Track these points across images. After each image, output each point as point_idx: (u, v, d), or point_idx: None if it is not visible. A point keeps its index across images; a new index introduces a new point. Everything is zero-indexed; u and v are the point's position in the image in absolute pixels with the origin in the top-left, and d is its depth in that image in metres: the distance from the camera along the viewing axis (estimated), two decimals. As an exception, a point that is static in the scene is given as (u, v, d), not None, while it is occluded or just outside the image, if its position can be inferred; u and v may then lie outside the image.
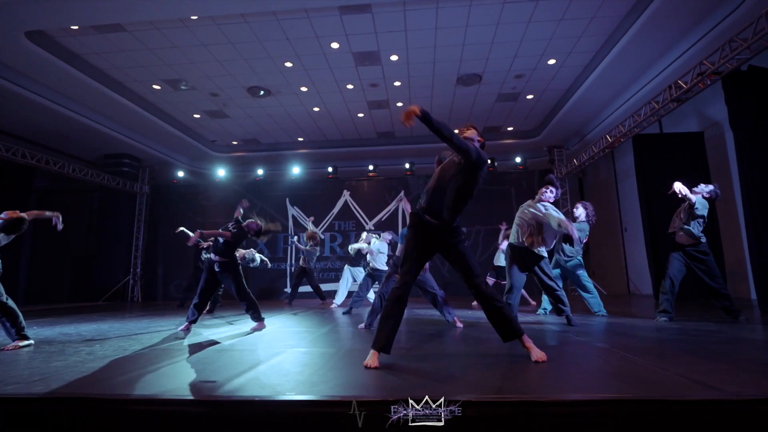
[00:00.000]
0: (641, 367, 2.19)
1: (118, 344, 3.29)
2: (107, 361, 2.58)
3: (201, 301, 4.02)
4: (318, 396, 1.74)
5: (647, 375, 2.02)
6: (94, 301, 10.43)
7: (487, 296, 2.43)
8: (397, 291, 2.40)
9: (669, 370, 2.09)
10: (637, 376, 2.02)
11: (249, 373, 2.20)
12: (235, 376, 2.12)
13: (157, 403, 1.73)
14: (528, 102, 9.68)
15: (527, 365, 2.28)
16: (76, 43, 7.11)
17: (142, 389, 1.90)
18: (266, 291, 10.82)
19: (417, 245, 2.49)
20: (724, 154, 7.14)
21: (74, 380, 2.09)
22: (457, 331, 3.83)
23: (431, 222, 2.48)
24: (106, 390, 1.91)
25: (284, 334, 3.86)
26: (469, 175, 2.42)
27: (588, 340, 3.13)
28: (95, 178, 10.18)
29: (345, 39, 7.15)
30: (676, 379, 1.92)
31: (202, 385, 1.99)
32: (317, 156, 12.06)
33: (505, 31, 6.96)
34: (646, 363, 2.28)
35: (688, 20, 6.14)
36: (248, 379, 2.07)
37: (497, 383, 1.94)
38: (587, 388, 1.90)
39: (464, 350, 2.94)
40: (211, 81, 8.51)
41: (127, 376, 2.18)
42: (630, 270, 10.36)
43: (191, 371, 2.29)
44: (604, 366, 2.34)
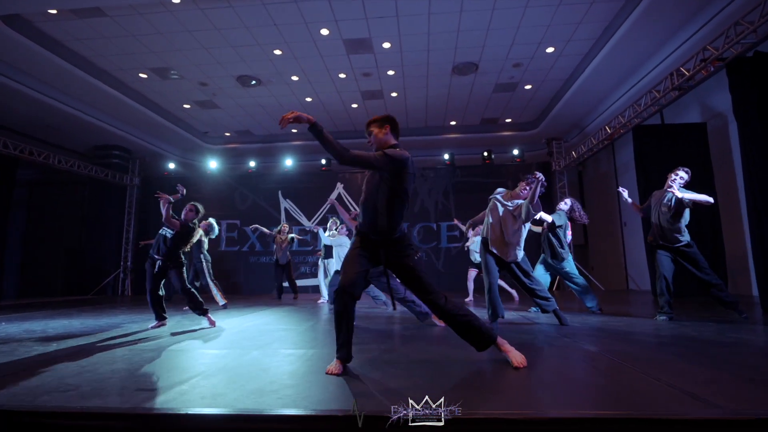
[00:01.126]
0: (631, 376, 1.98)
1: (77, 342, 3.10)
2: (54, 365, 2.38)
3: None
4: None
5: (636, 385, 1.81)
6: (86, 295, 10.28)
7: (447, 312, 2.20)
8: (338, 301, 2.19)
9: (662, 379, 1.88)
10: (624, 386, 1.81)
11: (194, 379, 2.00)
12: (177, 383, 1.92)
13: (77, 416, 1.52)
14: (526, 92, 9.39)
15: (504, 373, 2.07)
16: (56, 29, 6.86)
17: (67, 400, 1.69)
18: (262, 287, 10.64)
19: (361, 253, 2.28)
20: (727, 146, 6.87)
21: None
22: (436, 330, 3.62)
23: (374, 239, 2.26)
24: (31, 400, 1.71)
25: (262, 331, 3.66)
26: (393, 179, 2.19)
27: (577, 343, 2.92)
28: (84, 170, 9.97)
29: (335, 25, 6.88)
30: (669, 391, 1.71)
31: (136, 394, 1.79)
32: (311, 148, 11.81)
33: (501, 17, 6.68)
34: (637, 370, 2.07)
35: (692, 5, 5.85)
36: (191, 386, 1.87)
37: (470, 395, 1.74)
38: (568, 402, 1.69)
39: (436, 355, 2.73)
40: (200, 69, 8.26)
41: (59, 381, 1.98)
42: (629, 265, 10.13)
43: (135, 376, 2.09)
44: (591, 374, 2.13)
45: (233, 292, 10.68)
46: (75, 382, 1.96)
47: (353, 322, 2.23)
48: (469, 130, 11.24)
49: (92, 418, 1.52)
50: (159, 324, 4.00)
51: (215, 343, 3.09)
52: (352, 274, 2.19)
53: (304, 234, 10.74)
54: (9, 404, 1.63)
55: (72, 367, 2.28)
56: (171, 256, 4.08)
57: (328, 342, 3.02)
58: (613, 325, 3.76)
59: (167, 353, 2.71)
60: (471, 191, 10.56)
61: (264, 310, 5.88)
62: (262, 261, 10.66)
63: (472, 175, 10.80)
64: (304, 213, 11.00)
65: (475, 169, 10.93)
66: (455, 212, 10.55)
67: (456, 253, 10.31)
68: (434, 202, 10.69)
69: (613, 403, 1.60)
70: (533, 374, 2.06)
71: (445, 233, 10.53)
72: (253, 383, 1.91)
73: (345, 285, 2.15)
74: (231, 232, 10.88)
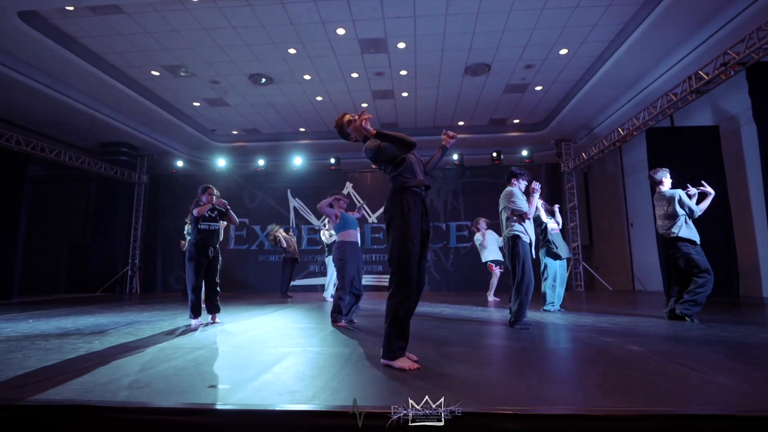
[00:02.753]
0: (697, 378, 2.03)
1: (118, 340, 3.11)
2: (109, 361, 2.41)
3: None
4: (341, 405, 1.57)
5: (690, 382, 1.86)
6: (92, 293, 10.25)
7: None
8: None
9: (729, 379, 1.93)
10: (691, 387, 1.86)
11: (263, 376, 2.04)
12: (246, 380, 1.95)
13: (167, 412, 1.55)
14: (536, 94, 9.46)
15: (552, 373, 2.12)
16: (71, 25, 6.84)
17: (148, 396, 1.72)
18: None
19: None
20: (739, 149, 6.96)
21: (70, 382, 1.91)
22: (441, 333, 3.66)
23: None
24: (107, 396, 1.73)
25: (289, 332, 3.69)
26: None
27: (618, 342, 2.97)
28: (92, 166, 9.93)
29: (351, 25, 6.90)
30: (743, 388, 1.76)
31: (211, 391, 1.82)
32: (319, 147, 11.83)
33: (517, 19, 6.72)
34: (700, 373, 2.12)
35: (707, 9, 5.90)
36: (263, 383, 1.90)
37: (534, 393, 1.78)
38: (641, 400, 1.73)
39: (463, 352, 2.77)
40: (212, 67, 8.26)
41: (129, 378, 2.00)
42: (635, 266, 10.23)
43: (197, 373, 2.12)
44: (653, 376, 2.17)
45: (242, 290, 10.69)
46: (144, 379, 1.99)
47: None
48: (477, 131, 11.30)
49: (179, 414, 1.55)
50: (199, 321, 4.00)
51: (260, 340, 3.12)
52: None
53: (313, 233, 10.76)
54: (92, 400, 1.66)
55: (131, 365, 2.31)
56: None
57: (364, 338, 3.07)
58: (652, 327, 3.73)
59: (216, 350, 2.74)
60: (480, 191, 10.63)
61: (284, 309, 5.91)
62: (271, 260, 10.66)
63: (482, 176, 10.87)
64: (313, 212, 11.01)
65: (484, 169, 10.99)
66: (464, 212, 10.62)
67: (465, 253, 10.38)
68: (443, 202, 10.74)
69: (685, 402, 1.65)
70: (598, 377, 2.10)
71: (454, 233, 10.58)
72: (320, 380, 1.94)
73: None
74: (240, 230, 10.88)
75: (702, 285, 3.77)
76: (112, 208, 10.91)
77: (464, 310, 5.30)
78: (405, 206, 2.27)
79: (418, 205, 2.32)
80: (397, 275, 2.20)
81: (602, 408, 1.54)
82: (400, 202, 2.30)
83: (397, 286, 2.19)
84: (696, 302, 3.78)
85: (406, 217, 2.25)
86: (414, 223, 2.25)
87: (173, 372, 2.13)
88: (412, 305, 2.25)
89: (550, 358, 2.56)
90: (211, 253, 4.15)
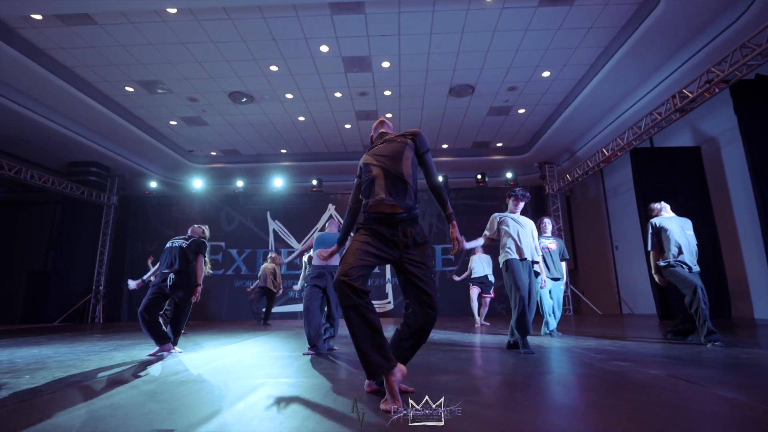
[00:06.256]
0: (744, 406, 1.73)
1: (53, 374, 2.63)
2: (31, 401, 1.95)
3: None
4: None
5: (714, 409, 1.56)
6: (49, 323, 9.41)
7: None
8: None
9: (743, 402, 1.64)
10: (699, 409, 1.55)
11: (223, 413, 1.63)
12: (199, 422, 1.55)
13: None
14: (519, 116, 9.50)
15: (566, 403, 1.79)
16: (39, 36, 6.49)
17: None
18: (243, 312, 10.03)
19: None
20: (721, 170, 7.01)
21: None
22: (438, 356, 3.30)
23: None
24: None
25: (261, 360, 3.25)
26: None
27: (635, 367, 2.67)
28: (58, 186, 9.32)
29: (335, 42, 6.79)
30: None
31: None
32: (301, 169, 11.55)
33: (501, 39, 6.74)
34: (734, 397, 1.82)
35: (690, 30, 6.00)
36: (221, 423, 1.50)
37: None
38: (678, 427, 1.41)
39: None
40: (190, 84, 7.98)
41: (48, 422, 1.57)
42: (622, 290, 10.09)
43: (141, 413, 1.70)
44: (693, 404, 1.86)
45: (213, 318, 10.03)
46: (65, 423, 1.56)
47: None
48: (460, 154, 11.26)
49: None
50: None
51: (226, 371, 2.69)
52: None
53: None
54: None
55: (55, 405, 1.86)
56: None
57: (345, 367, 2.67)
58: (662, 349, 3.51)
59: (170, 384, 2.30)
60: (466, 213, 10.44)
61: (259, 336, 5.41)
62: (248, 285, 10.09)
63: (467, 198, 10.72)
64: (293, 235, 10.58)
65: (469, 191, 10.87)
66: (450, 235, 10.36)
67: (451, 277, 10.05)
68: (428, 225, 10.49)
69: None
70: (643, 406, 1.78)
71: (440, 256, 10.29)
72: (294, 420, 1.56)
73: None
74: (215, 254, 10.32)
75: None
76: (76, 231, 10.22)
77: (455, 336, 4.93)
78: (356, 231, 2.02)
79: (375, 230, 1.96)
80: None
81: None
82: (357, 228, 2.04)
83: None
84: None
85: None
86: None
87: (109, 412, 1.70)
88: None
89: (568, 386, 2.22)
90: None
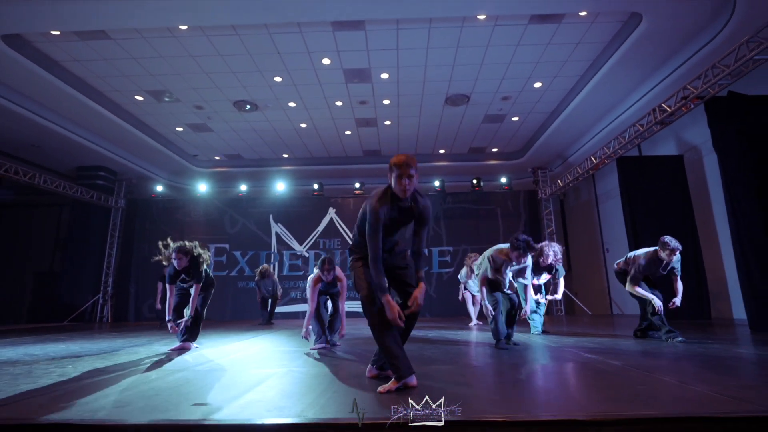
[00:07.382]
0: (677, 387, 2.09)
1: (92, 364, 2.98)
2: (85, 384, 2.30)
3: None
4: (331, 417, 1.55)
5: (674, 392, 1.92)
6: (58, 322, 9.74)
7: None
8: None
9: (701, 387, 2.00)
10: (671, 395, 1.91)
11: (248, 394, 1.99)
12: (231, 399, 1.91)
13: (149, 429, 1.50)
14: (513, 124, 9.87)
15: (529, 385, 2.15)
16: (56, 50, 6.84)
17: (130, 415, 1.66)
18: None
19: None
20: (703, 177, 7.39)
21: (47, 404, 1.83)
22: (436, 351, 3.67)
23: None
24: (86, 415, 1.66)
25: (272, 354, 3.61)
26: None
27: (600, 358, 3.03)
28: (68, 190, 9.67)
29: (336, 55, 7.15)
30: (715, 396, 1.82)
31: (196, 408, 1.77)
32: (303, 173, 11.90)
33: (494, 53, 7.11)
34: (680, 383, 2.18)
35: (668, 48, 6.42)
36: (249, 401, 1.86)
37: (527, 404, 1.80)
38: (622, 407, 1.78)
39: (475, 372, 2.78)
40: (197, 93, 8.33)
41: (108, 399, 1.93)
42: (612, 291, 10.47)
43: (179, 393, 2.06)
44: (636, 386, 2.23)
45: (220, 318, 10.36)
46: (123, 399, 1.92)
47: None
48: (457, 159, 11.63)
49: (163, 431, 1.50)
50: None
51: (243, 363, 3.04)
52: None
53: (295, 259, 10.66)
54: (71, 419, 1.59)
55: (109, 387, 2.21)
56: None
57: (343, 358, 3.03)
58: (626, 345, 3.89)
59: (198, 372, 2.65)
60: (461, 217, 10.82)
61: (265, 334, 5.76)
62: (252, 286, 10.44)
63: (462, 202, 11.09)
64: (295, 237, 10.94)
65: (465, 195, 11.24)
66: (446, 238, 10.74)
67: (447, 279, 10.43)
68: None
69: (660, 407, 1.70)
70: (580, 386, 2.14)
71: (436, 258, 10.65)
72: (308, 397, 1.92)
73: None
74: (219, 256, 10.67)
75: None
76: (84, 233, 10.56)
77: (450, 333, 5.30)
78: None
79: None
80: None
81: (592, 413, 1.57)
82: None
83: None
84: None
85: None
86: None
87: (154, 392, 2.06)
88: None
89: (538, 373, 2.59)
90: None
